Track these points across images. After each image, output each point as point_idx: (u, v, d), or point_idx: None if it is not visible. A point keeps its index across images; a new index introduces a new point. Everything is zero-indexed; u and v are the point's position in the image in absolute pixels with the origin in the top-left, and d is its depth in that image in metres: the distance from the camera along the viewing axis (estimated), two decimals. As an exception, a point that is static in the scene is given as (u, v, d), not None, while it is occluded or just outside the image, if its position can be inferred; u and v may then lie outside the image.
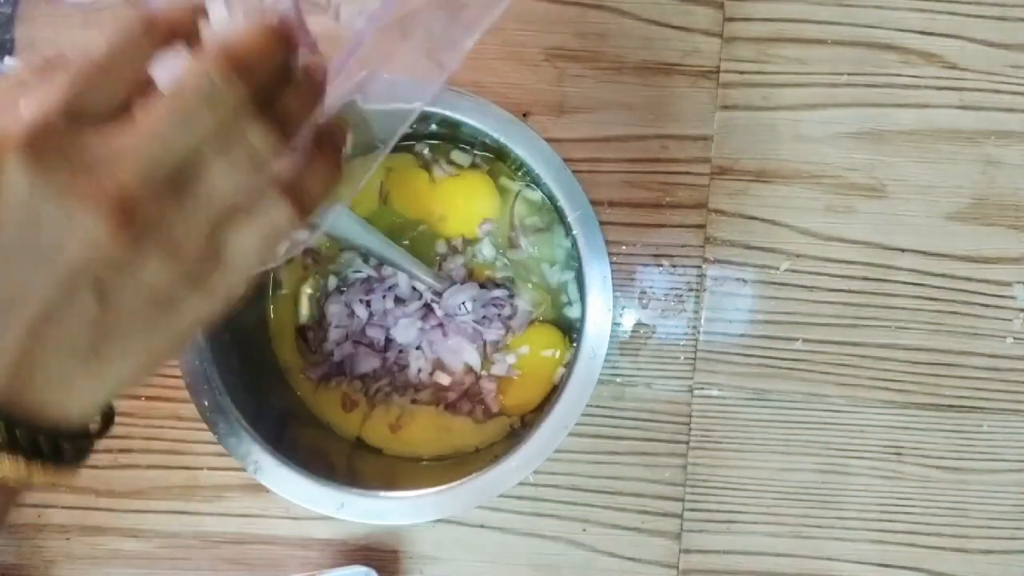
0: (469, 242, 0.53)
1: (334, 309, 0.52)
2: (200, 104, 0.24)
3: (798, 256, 0.54)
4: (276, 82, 0.26)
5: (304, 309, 0.53)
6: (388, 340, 0.52)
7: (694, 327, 0.54)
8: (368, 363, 0.52)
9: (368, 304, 0.52)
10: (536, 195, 0.52)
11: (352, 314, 0.52)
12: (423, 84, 0.31)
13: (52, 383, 0.25)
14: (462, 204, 0.52)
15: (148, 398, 0.53)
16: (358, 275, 0.53)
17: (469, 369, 0.53)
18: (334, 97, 0.30)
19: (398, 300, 0.52)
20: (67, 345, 0.25)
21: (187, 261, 0.25)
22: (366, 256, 0.52)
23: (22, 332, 0.24)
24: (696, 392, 0.54)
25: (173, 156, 0.24)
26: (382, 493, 0.47)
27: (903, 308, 0.54)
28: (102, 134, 0.24)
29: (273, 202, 0.27)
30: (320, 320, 0.53)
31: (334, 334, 0.52)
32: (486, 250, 0.53)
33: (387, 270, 0.52)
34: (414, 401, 0.53)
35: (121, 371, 0.26)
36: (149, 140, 0.24)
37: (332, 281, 0.53)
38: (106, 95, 0.25)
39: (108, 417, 0.30)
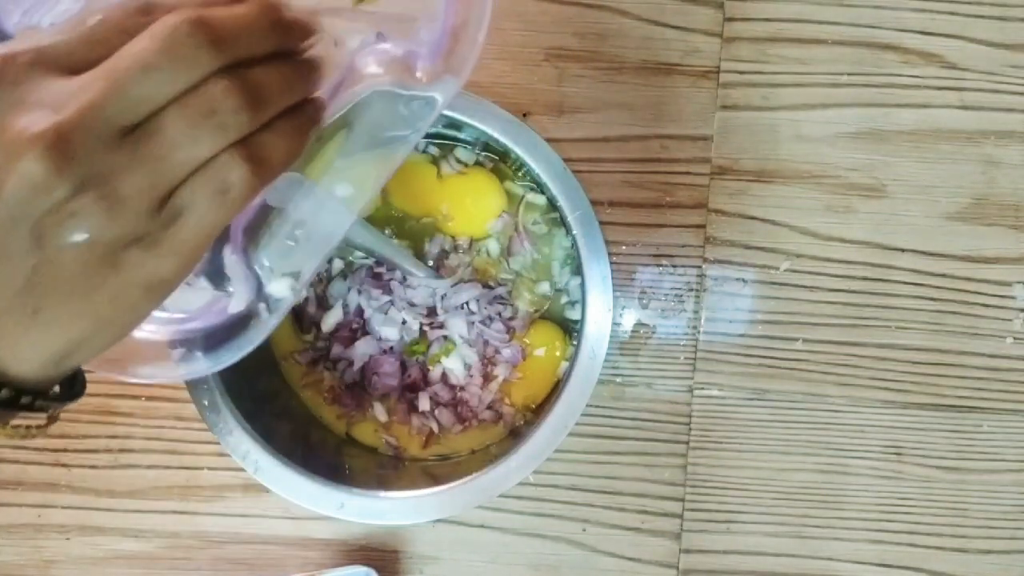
0: (475, 241, 0.53)
1: (336, 291, 0.52)
2: (163, 57, 0.23)
3: (798, 256, 0.54)
4: (259, 61, 0.25)
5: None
6: (387, 338, 0.52)
7: (694, 327, 0.54)
8: (365, 355, 0.52)
9: (371, 296, 0.52)
10: (540, 199, 0.52)
11: (355, 302, 0.52)
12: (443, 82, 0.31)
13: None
14: (470, 204, 0.52)
15: (148, 398, 0.53)
16: (364, 262, 0.53)
17: (469, 370, 0.53)
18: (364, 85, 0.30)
19: (403, 298, 0.52)
20: (6, 294, 0.24)
21: (134, 217, 0.24)
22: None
23: None
24: (696, 392, 0.54)
25: (126, 105, 0.23)
26: (382, 493, 0.47)
27: (903, 308, 0.54)
28: (61, 79, 0.24)
29: (228, 163, 0.25)
30: (319, 302, 0.53)
31: (333, 317, 0.52)
32: (492, 249, 0.53)
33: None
34: (411, 400, 0.53)
35: (67, 332, 0.25)
36: (102, 85, 0.23)
37: (337, 264, 0.53)
38: (82, 53, 0.24)
39: (77, 383, 0.29)
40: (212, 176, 0.25)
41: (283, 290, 0.31)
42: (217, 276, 0.32)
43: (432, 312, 0.52)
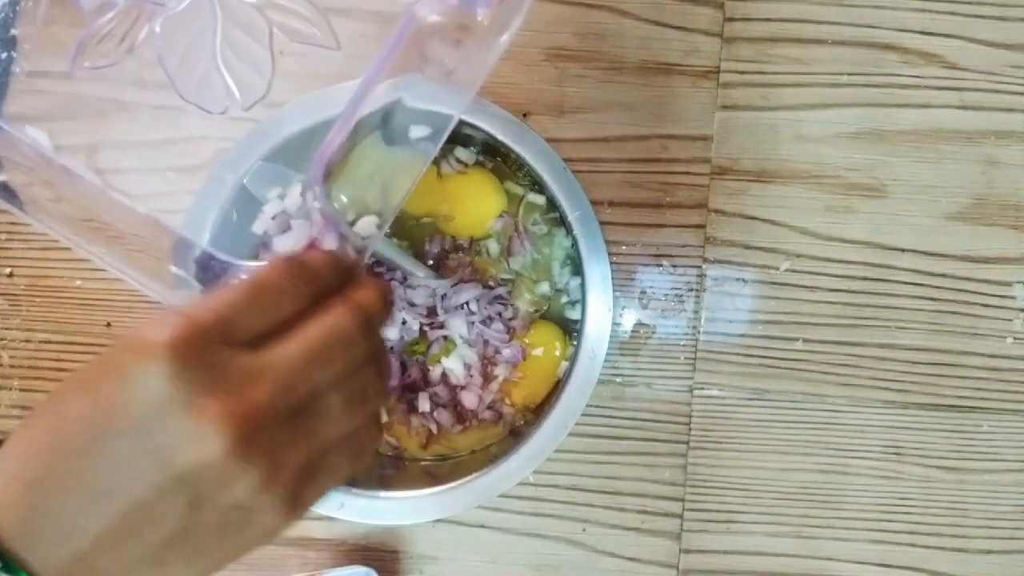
0: (475, 241, 0.53)
1: None
2: (339, 348, 0.27)
3: (798, 256, 0.54)
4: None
5: None
6: (387, 338, 0.52)
7: (694, 327, 0.54)
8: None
9: None
10: (540, 199, 0.52)
11: None
12: (457, 92, 0.32)
13: None
14: (470, 204, 0.52)
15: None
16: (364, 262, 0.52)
17: (468, 370, 0.53)
18: (380, 96, 0.31)
19: (404, 298, 0.52)
20: (139, 550, 0.25)
21: (284, 489, 0.26)
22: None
23: (105, 525, 0.24)
24: (696, 392, 0.54)
25: (304, 389, 0.26)
26: (382, 493, 0.47)
27: (903, 308, 0.54)
28: (246, 356, 0.26)
29: (368, 430, 0.29)
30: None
31: None
32: (492, 248, 0.53)
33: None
34: (411, 400, 0.53)
35: None
36: (288, 371, 0.26)
37: None
38: (256, 322, 0.26)
39: None
40: (352, 442, 0.29)
41: (369, 227, 0.32)
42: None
43: (432, 312, 0.52)
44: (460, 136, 0.52)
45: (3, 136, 0.33)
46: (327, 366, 0.27)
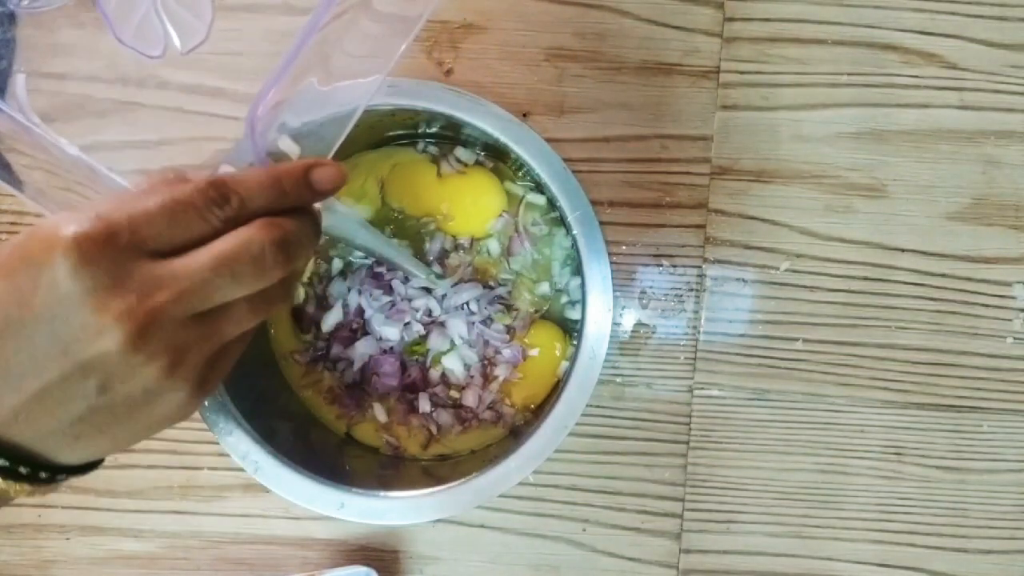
0: (476, 241, 0.53)
1: (336, 291, 0.52)
2: (247, 263, 0.28)
3: (798, 256, 0.54)
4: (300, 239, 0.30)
5: (300, 290, 0.53)
6: (387, 338, 0.52)
7: (694, 327, 0.54)
8: (365, 355, 0.52)
9: (372, 296, 0.52)
10: (540, 199, 0.52)
11: (355, 302, 0.52)
12: (360, 86, 0.32)
13: (38, 442, 0.28)
14: (470, 203, 0.52)
15: (148, 398, 0.53)
16: (364, 262, 0.52)
17: (468, 370, 0.53)
18: (269, 113, 0.31)
19: (404, 298, 0.52)
20: (53, 424, 0.27)
21: (186, 373, 0.28)
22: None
23: (19, 401, 0.27)
24: (696, 392, 0.54)
25: (209, 300, 0.27)
26: (382, 493, 0.47)
27: (903, 308, 0.54)
28: (152, 263, 0.27)
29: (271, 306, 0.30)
30: (319, 302, 0.53)
31: (333, 317, 0.52)
32: (493, 248, 0.53)
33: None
34: (411, 401, 0.53)
35: (100, 447, 0.29)
36: (191, 280, 0.27)
37: (337, 264, 0.53)
38: (166, 236, 0.28)
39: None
40: (252, 331, 0.30)
41: (291, 146, 0.32)
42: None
43: (432, 312, 0.52)
44: (460, 136, 0.52)
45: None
46: (234, 279, 0.28)
